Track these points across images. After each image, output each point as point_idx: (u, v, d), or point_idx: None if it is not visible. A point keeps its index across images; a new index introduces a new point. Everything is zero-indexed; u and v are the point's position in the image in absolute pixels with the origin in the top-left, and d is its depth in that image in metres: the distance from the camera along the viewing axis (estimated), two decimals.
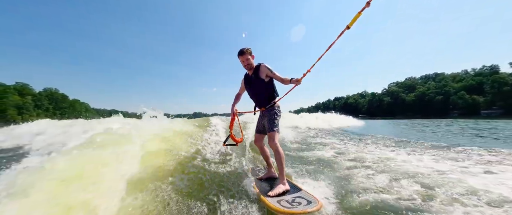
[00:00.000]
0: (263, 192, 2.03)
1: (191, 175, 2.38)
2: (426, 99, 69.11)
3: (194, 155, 2.91)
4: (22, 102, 63.39)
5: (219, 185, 2.28)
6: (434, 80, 76.63)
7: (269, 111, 2.37)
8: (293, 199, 1.85)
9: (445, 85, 67.61)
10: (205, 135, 4.10)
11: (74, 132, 6.81)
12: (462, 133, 8.60)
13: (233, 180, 2.42)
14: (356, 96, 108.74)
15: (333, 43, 1.87)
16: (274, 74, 2.31)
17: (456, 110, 60.73)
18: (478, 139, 6.63)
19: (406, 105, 75.06)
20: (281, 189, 1.99)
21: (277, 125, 2.30)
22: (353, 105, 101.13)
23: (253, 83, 2.45)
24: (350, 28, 1.65)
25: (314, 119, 13.83)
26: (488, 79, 57.34)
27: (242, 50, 2.38)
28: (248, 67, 2.46)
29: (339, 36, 1.75)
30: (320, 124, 12.41)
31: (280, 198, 1.89)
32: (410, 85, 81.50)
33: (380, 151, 4.63)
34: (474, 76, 64.69)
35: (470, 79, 63.52)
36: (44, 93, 76.31)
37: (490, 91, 55.42)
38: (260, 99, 2.46)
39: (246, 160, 3.29)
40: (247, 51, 2.40)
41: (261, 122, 2.53)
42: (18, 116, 59.27)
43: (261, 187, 2.21)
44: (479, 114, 52.81)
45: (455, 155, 4.01)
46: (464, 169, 3.07)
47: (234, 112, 2.60)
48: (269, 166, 2.60)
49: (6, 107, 58.55)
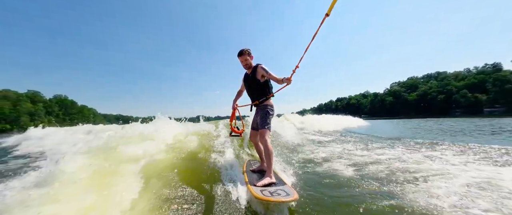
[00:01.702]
0: (252, 182, 2.26)
1: (194, 166, 2.90)
2: (428, 98, 69.06)
3: (199, 150, 3.49)
4: (34, 109, 66.09)
5: (215, 174, 2.70)
6: (436, 79, 76.42)
7: (262, 110, 2.56)
8: (275, 190, 2.03)
9: (447, 84, 67.49)
10: (213, 133, 4.83)
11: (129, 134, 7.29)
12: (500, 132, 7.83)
13: (229, 171, 2.81)
14: (358, 96, 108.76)
15: (316, 33, 1.84)
16: (270, 74, 2.43)
17: (459, 109, 60.54)
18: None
19: (408, 105, 75.03)
20: (267, 181, 2.20)
21: (268, 123, 2.48)
22: (355, 105, 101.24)
23: (250, 82, 2.63)
24: (330, 15, 1.63)
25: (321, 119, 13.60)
26: (490, 77, 57.22)
27: (242, 51, 2.56)
28: (247, 67, 2.64)
29: (320, 25, 1.73)
30: (329, 126, 11.90)
31: (264, 188, 2.11)
32: (412, 84, 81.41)
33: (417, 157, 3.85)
34: (476, 74, 64.47)
35: (472, 77, 63.30)
36: (54, 99, 79.33)
37: (492, 89, 55.24)
38: (255, 97, 2.65)
39: (244, 154, 3.81)
40: (246, 52, 2.57)
41: (255, 119, 2.71)
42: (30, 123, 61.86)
43: (252, 178, 2.44)
44: (482, 113, 52.58)
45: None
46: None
47: (234, 107, 2.88)
48: (262, 160, 2.81)
49: (20, 114, 61.22)
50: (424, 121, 18.89)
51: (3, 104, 58.39)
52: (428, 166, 3.27)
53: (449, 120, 20.43)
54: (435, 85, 71.45)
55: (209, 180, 2.57)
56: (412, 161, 3.55)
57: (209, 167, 2.95)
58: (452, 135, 7.56)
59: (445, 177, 2.72)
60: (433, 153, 4.26)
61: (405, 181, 2.65)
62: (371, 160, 3.77)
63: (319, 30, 1.80)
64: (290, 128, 8.16)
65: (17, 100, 62.76)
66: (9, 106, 59.87)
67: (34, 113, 65.81)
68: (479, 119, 18.99)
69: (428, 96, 69.19)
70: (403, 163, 3.44)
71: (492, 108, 53.48)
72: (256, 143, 2.80)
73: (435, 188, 2.37)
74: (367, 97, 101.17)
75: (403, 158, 3.81)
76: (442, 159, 3.67)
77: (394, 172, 3.04)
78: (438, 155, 4.00)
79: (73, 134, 9.51)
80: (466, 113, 52.27)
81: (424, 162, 3.47)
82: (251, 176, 2.49)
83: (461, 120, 17.84)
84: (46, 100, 75.59)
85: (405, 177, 2.79)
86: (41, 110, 68.95)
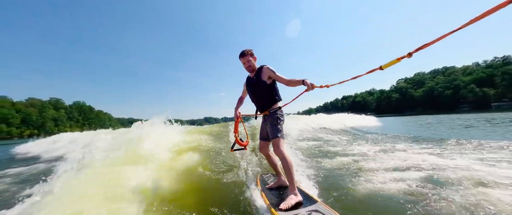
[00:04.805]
0: (273, 203, 1.87)
1: (194, 186, 2.38)
2: (434, 94, 68.38)
3: (198, 165, 2.95)
4: (57, 115, 71.77)
5: (223, 197, 2.23)
6: (444, 74, 75.26)
7: (271, 116, 2.21)
8: (309, 213, 1.66)
9: (454, 79, 66.51)
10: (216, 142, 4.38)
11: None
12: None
13: (239, 190, 2.33)
14: (364, 94, 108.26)
15: (359, 76, 1.70)
16: (278, 76, 2.15)
17: (466, 104, 59.81)
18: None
19: (415, 101, 74.49)
20: (293, 200, 1.80)
21: (281, 130, 2.15)
22: (361, 103, 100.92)
23: (254, 86, 2.31)
24: (383, 69, 1.46)
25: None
26: (499, 71, 56.22)
27: (244, 51, 2.29)
28: (249, 69, 2.33)
29: (368, 72, 1.58)
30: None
31: (294, 212, 1.71)
32: (419, 80, 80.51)
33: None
34: (484, 68, 63.23)
35: (481, 71, 62.13)
36: (74, 106, 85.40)
37: (501, 83, 54.29)
38: (261, 103, 2.31)
39: (254, 166, 3.15)
40: (249, 52, 2.29)
41: (264, 128, 2.36)
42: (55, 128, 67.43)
43: (271, 197, 2.04)
44: (490, 107, 51.93)
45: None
46: None
47: (237, 116, 2.45)
48: (278, 174, 2.43)
49: (46, 120, 66.79)
50: (433, 118, 17.96)
51: (31, 112, 64.11)
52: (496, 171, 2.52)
53: (461, 116, 19.31)
54: (442, 80, 70.57)
55: (219, 206, 2.03)
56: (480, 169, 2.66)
57: (215, 188, 2.48)
58: (491, 132, 6.74)
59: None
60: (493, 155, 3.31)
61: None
62: (417, 165, 2.99)
63: (363, 75, 1.66)
64: (303, 127, 7.92)
65: (42, 107, 68.50)
66: (36, 113, 65.61)
67: (57, 119, 71.43)
68: (488, 114, 18.21)
69: (434, 92, 68.53)
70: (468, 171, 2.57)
71: (500, 102, 52.65)
72: (268, 155, 2.44)
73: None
74: (373, 95, 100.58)
75: (464, 164, 2.89)
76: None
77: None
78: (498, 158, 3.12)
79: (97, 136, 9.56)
80: (473, 109, 52.04)
81: (493, 166, 2.73)
82: (271, 196, 2.08)
83: (473, 116, 16.90)
84: (66, 106, 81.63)
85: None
86: (63, 116, 74.63)
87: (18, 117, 59.97)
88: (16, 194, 2.83)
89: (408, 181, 2.39)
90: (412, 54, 1.20)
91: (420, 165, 2.99)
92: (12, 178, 4.03)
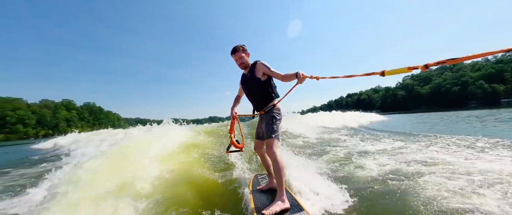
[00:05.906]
0: (258, 207, 1.79)
1: (188, 186, 2.37)
2: (442, 90, 67.02)
3: (194, 164, 2.95)
4: (69, 116, 74.93)
5: (214, 197, 2.23)
6: (451, 70, 73.53)
7: (267, 115, 2.10)
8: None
9: (462, 75, 64.98)
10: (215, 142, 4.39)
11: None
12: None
13: (233, 190, 2.33)
14: (369, 91, 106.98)
15: (356, 75, 1.57)
16: (273, 72, 2.03)
17: (475, 101, 58.40)
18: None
19: (421, 98, 73.20)
20: (278, 207, 1.71)
21: (276, 130, 2.02)
22: (366, 101, 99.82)
23: (249, 83, 2.19)
24: (384, 76, 1.34)
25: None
26: (509, 66, 54.59)
27: (235, 47, 2.16)
28: (242, 66, 2.21)
29: (368, 74, 1.47)
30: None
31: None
32: (425, 76, 78.90)
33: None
34: (494, 63, 61.43)
35: (490, 67, 60.44)
36: (84, 106, 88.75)
37: (511, 79, 52.78)
38: (257, 100, 2.20)
39: (252, 165, 3.12)
40: (240, 48, 2.17)
41: (260, 126, 2.25)
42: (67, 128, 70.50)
43: (259, 200, 1.96)
44: (499, 104, 50.61)
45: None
46: None
47: (233, 116, 2.32)
48: (270, 175, 2.31)
49: (59, 121, 69.92)
50: (443, 114, 17.70)
51: (45, 113, 67.30)
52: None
53: (472, 112, 18.48)
54: (449, 76, 69.03)
55: (205, 209, 1.98)
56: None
57: (209, 188, 2.48)
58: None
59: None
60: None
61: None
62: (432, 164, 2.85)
63: (359, 76, 1.50)
64: (306, 125, 8.02)
65: (55, 108, 71.71)
66: (50, 114, 68.80)
67: (70, 119, 74.58)
68: (497, 110, 17.97)
69: (442, 89, 67.14)
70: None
71: (510, 98, 51.17)
72: (262, 155, 2.35)
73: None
74: (379, 92, 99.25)
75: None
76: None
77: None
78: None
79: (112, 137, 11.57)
80: (482, 105, 50.68)
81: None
82: (259, 199, 2.02)
83: (485, 112, 16.50)
84: (78, 107, 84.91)
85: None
86: (75, 117, 77.78)
87: (33, 118, 63.16)
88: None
89: (401, 177, 2.55)
90: (428, 67, 1.02)
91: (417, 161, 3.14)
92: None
